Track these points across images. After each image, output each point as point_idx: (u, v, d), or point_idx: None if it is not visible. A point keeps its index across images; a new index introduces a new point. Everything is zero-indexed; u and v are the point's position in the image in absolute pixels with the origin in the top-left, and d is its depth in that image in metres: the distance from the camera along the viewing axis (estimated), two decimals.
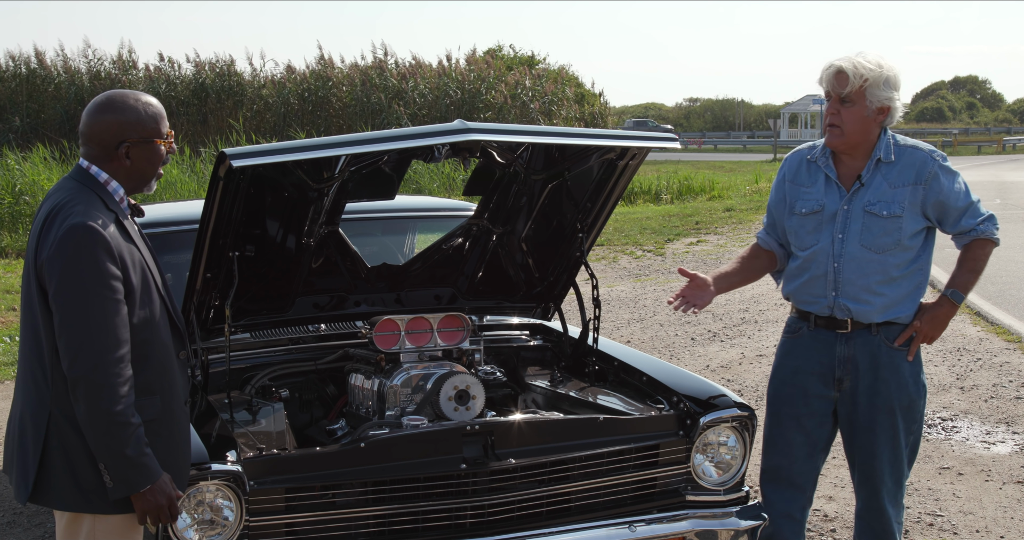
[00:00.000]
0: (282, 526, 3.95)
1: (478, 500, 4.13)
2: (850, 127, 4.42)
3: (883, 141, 4.48)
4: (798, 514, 4.72)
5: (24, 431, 3.47)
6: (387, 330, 4.83)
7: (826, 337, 4.57)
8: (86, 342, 3.28)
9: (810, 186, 4.62)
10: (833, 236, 4.51)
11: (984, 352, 10.39)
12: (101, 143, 3.52)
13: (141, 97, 3.60)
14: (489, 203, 5.23)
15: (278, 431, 4.41)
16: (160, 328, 3.54)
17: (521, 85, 33.16)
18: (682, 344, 10.90)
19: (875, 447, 4.53)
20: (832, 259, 4.51)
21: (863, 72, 4.34)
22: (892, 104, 4.42)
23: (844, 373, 4.54)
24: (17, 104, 32.05)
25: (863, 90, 4.36)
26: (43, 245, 3.38)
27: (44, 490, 3.44)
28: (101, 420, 3.29)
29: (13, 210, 19.24)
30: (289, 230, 4.79)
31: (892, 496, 4.58)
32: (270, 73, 33.97)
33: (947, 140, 65.59)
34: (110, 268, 3.33)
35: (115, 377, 3.29)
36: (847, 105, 4.39)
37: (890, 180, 4.45)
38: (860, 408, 4.53)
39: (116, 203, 3.52)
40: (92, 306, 3.29)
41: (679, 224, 21.85)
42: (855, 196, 4.49)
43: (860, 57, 4.38)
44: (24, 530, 6.12)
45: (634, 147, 4.77)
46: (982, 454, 7.39)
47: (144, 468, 3.37)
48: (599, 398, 4.89)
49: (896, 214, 4.42)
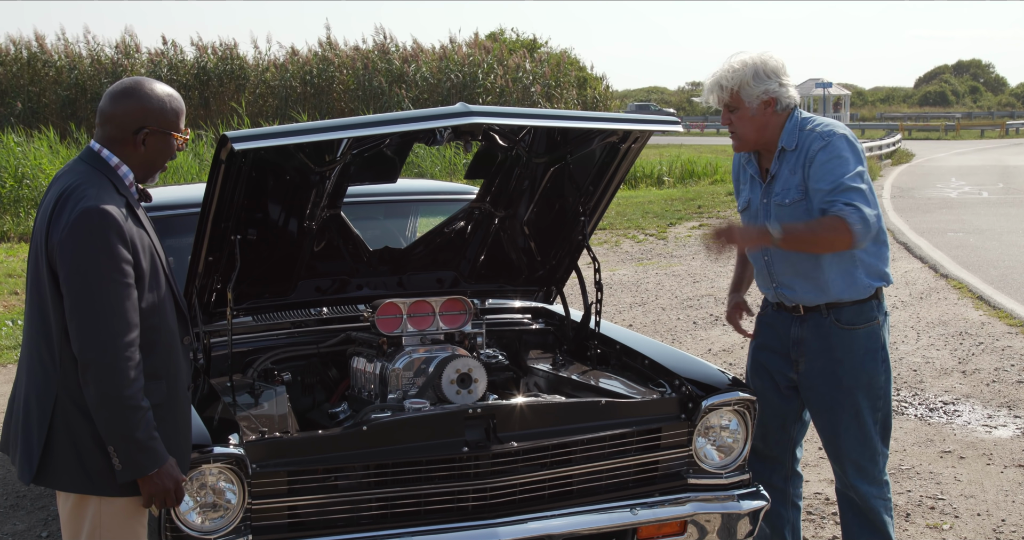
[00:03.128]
0: (284, 509, 3.96)
1: (480, 483, 4.13)
2: (742, 130, 4.52)
3: (786, 130, 4.51)
4: (780, 483, 4.88)
5: (29, 412, 3.47)
6: (389, 314, 4.84)
7: (784, 318, 4.71)
8: (98, 326, 3.28)
9: (744, 184, 4.78)
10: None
11: (986, 336, 10.38)
12: (121, 126, 3.51)
13: (166, 88, 3.60)
14: (491, 187, 5.22)
15: (280, 414, 4.41)
16: (167, 313, 3.54)
17: (522, 68, 33.09)
18: (684, 328, 10.90)
19: (838, 427, 4.62)
20: (763, 252, 4.64)
21: (725, 81, 4.45)
22: (774, 93, 4.45)
23: (798, 355, 4.65)
24: (19, 88, 32.01)
25: (737, 95, 4.46)
26: (54, 228, 3.37)
27: (49, 472, 3.45)
28: (111, 404, 3.29)
29: (15, 194, 19.23)
30: (291, 213, 4.78)
31: (866, 473, 4.64)
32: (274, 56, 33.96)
33: (950, 124, 65.50)
34: (122, 252, 3.33)
35: (125, 361, 3.29)
36: (734, 112, 4.51)
37: (790, 167, 4.50)
38: (819, 390, 4.62)
39: (126, 187, 3.51)
40: (104, 290, 3.29)
41: (681, 208, 21.83)
42: (768, 189, 4.58)
43: (725, 67, 4.47)
44: (27, 513, 6.14)
45: (636, 130, 4.77)
46: (984, 438, 7.39)
47: (152, 452, 3.37)
48: (601, 381, 4.89)
49: (797, 199, 4.46)
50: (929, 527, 5.85)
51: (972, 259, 15.00)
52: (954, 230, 17.92)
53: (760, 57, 4.44)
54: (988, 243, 16.59)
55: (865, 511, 4.67)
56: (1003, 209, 21.49)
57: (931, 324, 10.91)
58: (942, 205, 22.58)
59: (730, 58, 4.49)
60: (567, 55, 39.03)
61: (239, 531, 3.88)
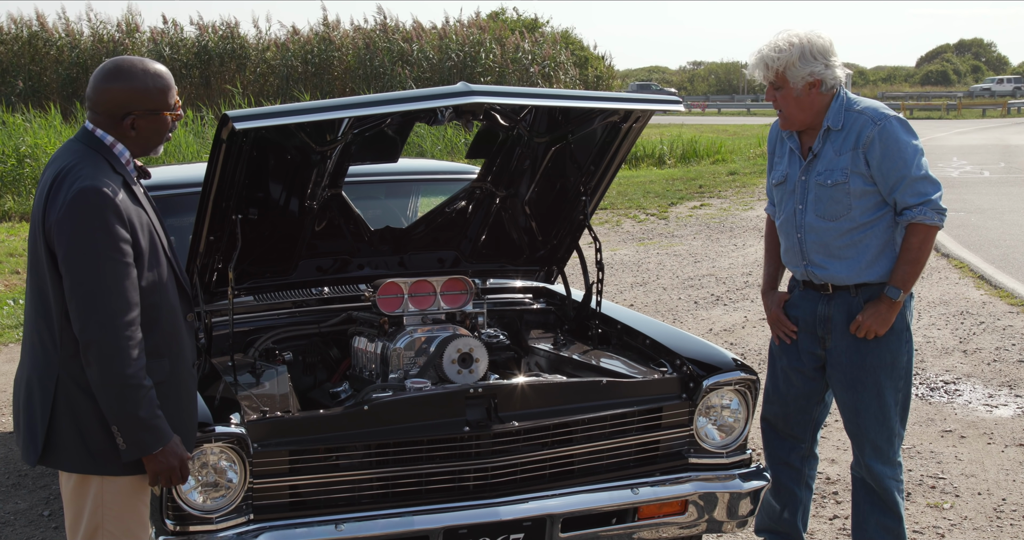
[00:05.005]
0: (286, 488, 3.97)
1: (481, 463, 4.14)
2: (788, 109, 4.53)
3: (832, 109, 4.51)
4: (796, 462, 4.90)
5: (32, 393, 3.47)
6: (390, 293, 4.83)
7: (812, 296, 4.71)
8: (97, 305, 3.28)
9: (780, 157, 4.76)
10: (795, 207, 4.65)
11: (987, 315, 10.38)
12: (107, 112, 3.49)
13: (150, 67, 3.54)
14: (492, 166, 5.22)
15: (282, 394, 4.42)
16: (168, 291, 3.54)
17: (521, 48, 33.00)
18: (685, 308, 10.90)
19: (859, 405, 4.63)
20: (796, 229, 4.65)
21: (771, 62, 4.44)
22: (820, 75, 4.44)
23: (825, 332, 4.66)
24: (19, 67, 31.94)
25: (783, 74, 4.45)
26: (51, 208, 3.36)
27: (53, 452, 3.45)
28: (114, 383, 3.29)
29: (17, 173, 19.20)
30: (292, 193, 4.78)
31: (882, 454, 4.65)
32: (275, 36, 33.87)
33: (952, 103, 65.32)
34: (120, 231, 3.33)
35: (126, 340, 3.29)
36: (779, 90, 4.51)
37: (836, 147, 4.51)
38: (843, 367, 4.64)
39: (123, 166, 3.50)
40: (103, 270, 3.29)
41: (683, 188, 21.80)
42: (809, 167, 4.59)
43: (772, 45, 4.45)
44: (29, 492, 6.15)
45: (638, 110, 4.76)
46: (984, 417, 7.40)
47: (156, 430, 3.38)
48: (602, 361, 4.89)
49: (840, 181, 4.48)
50: (930, 506, 5.86)
51: (973, 238, 14.99)
52: (955, 209, 17.87)
53: (808, 37, 4.41)
54: (989, 222, 16.58)
55: (878, 491, 4.69)
56: (1005, 188, 21.46)
57: (932, 303, 10.91)
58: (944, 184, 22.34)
59: (777, 36, 4.47)
60: (568, 35, 38.92)
61: (240, 510, 3.89)
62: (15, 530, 5.65)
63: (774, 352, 4.92)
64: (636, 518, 4.36)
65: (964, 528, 5.59)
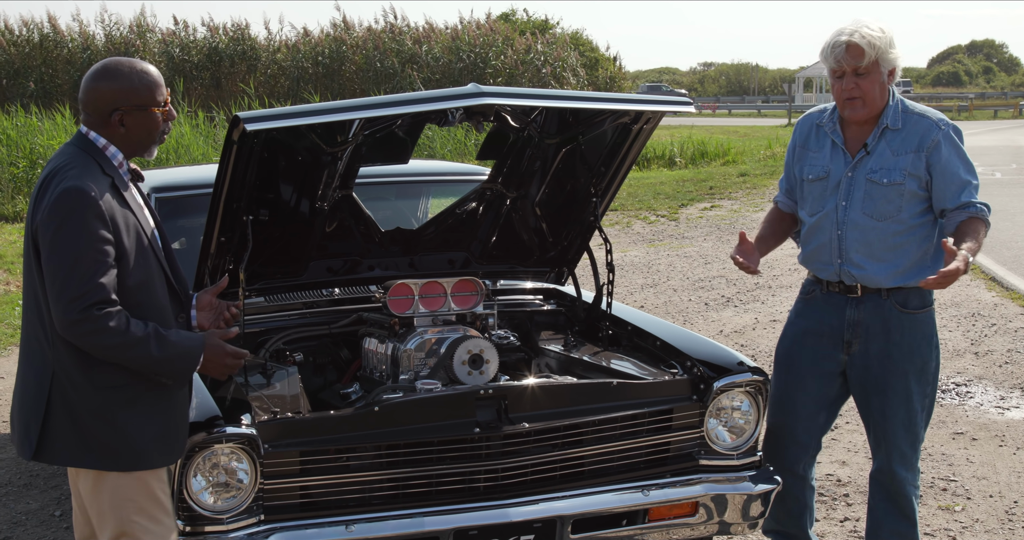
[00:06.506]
0: (296, 489, 3.97)
1: (492, 464, 4.14)
2: (870, 97, 4.41)
3: (891, 107, 4.47)
4: (801, 471, 4.82)
5: (27, 390, 3.54)
6: (401, 294, 4.84)
7: (838, 300, 4.59)
8: (71, 292, 3.31)
9: (818, 151, 4.64)
10: (837, 203, 4.53)
11: (999, 317, 10.36)
12: (96, 110, 3.56)
13: (137, 65, 3.59)
14: (503, 167, 5.22)
15: (292, 395, 4.42)
16: (156, 291, 3.58)
17: (532, 50, 33.00)
18: (696, 309, 10.90)
19: (887, 410, 4.56)
20: (836, 226, 4.53)
21: (875, 42, 4.32)
22: (897, 63, 4.43)
23: (853, 336, 4.57)
24: (31, 69, 32.02)
25: (878, 59, 4.35)
26: (38, 209, 3.42)
27: (50, 447, 3.50)
28: (118, 353, 3.38)
29: (29, 175, 19.24)
30: (303, 194, 4.78)
31: (906, 460, 4.61)
32: (285, 37, 33.90)
33: (963, 105, 65.19)
34: (100, 232, 3.37)
35: (104, 318, 3.32)
36: (863, 76, 4.38)
37: (893, 147, 4.44)
38: (872, 372, 4.56)
39: (114, 168, 3.55)
40: (79, 266, 3.32)
41: (693, 189, 21.78)
42: (860, 164, 4.50)
43: (864, 27, 4.35)
44: (41, 492, 6.17)
45: (648, 111, 4.75)
46: (996, 419, 7.38)
47: (184, 349, 3.49)
48: (612, 362, 4.89)
49: (897, 182, 4.41)
50: (941, 508, 5.85)
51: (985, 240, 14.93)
52: None
53: (888, 26, 4.39)
54: (1001, 224, 16.52)
55: (896, 497, 4.63)
56: (1016, 190, 21.38)
57: (943, 305, 10.89)
58: None
59: (857, 22, 4.37)
60: (579, 36, 38.89)
61: (251, 511, 3.89)
62: (27, 530, 5.66)
63: (783, 360, 4.82)
64: (647, 520, 4.36)
65: (976, 531, 5.58)
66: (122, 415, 3.47)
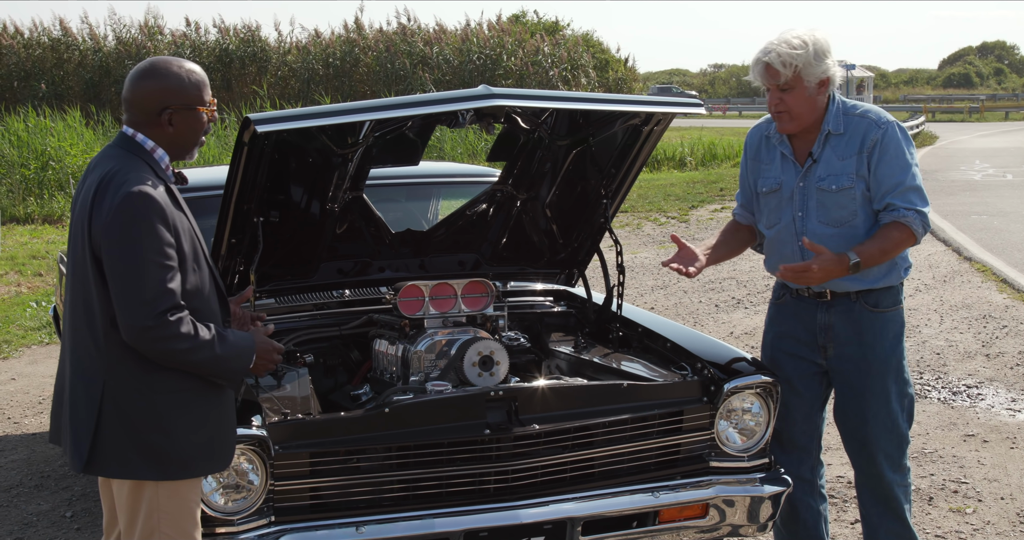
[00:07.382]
0: (306, 490, 3.98)
1: (502, 465, 4.14)
2: (797, 111, 4.38)
3: (831, 113, 4.43)
4: (808, 474, 4.79)
5: (77, 402, 3.45)
6: (411, 296, 4.83)
7: (808, 304, 4.59)
8: (142, 299, 3.27)
9: (769, 164, 4.63)
10: (793, 215, 4.52)
11: (1010, 319, 10.34)
12: (144, 109, 3.50)
13: (184, 64, 3.57)
14: (513, 169, 5.22)
15: (303, 396, 4.42)
16: (210, 296, 3.55)
17: (542, 52, 33.02)
18: (706, 311, 10.89)
19: (866, 413, 4.53)
20: (796, 238, 4.51)
21: (791, 60, 4.26)
22: (829, 73, 4.35)
23: (827, 341, 4.56)
24: (43, 71, 32.11)
25: (799, 74, 4.30)
26: (96, 214, 3.35)
27: (100, 459, 3.42)
28: (185, 357, 3.35)
29: (40, 176, 19.29)
30: (313, 195, 4.79)
31: (893, 461, 4.58)
32: (296, 39, 33.96)
33: (974, 106, 65.09)
34: (165, 236, 3.33)
35: (177, 324, 3.30)
36: (787, 91, 4.35)
37: (839, 152, 4.41)
38: (849, 374, 4.55)
39: (163, 170, 3.52)
40: (150, 271, 3.29)
41: (703, 191, 21.78)
42: (808, 172, 4.47)
43: (784, 43, 4.29)
44: (52, 493, 6.18)
45: (659, 113, 4.75)
46: (1007, 421, 7.37)
47: (240, 348, 3.48)
48: (623, 364, 4.88)
49: (846, 187, 4.38)
50: (952, 511, 5.83)
51: (996, 242, 14.93)
52: (978, 213, 17.81)
53: (814, 35, 4.32)
54: (1012, 226, 16.50)
55: (886, 499, 4.61)
56: None
57: (954, 307, 10.87)
58: (966, 187, 22.41)
59: (783, 34, 4.34)
60: (589, 37, 38.87)
61: (261, 512, 3.90)
62: (37, 531, 5.67)
63: (768, 365, 4.77)
64: (657, 521, 4.35)
65: (987, 533, 5.57)
66: (177, 420, 3.42)
